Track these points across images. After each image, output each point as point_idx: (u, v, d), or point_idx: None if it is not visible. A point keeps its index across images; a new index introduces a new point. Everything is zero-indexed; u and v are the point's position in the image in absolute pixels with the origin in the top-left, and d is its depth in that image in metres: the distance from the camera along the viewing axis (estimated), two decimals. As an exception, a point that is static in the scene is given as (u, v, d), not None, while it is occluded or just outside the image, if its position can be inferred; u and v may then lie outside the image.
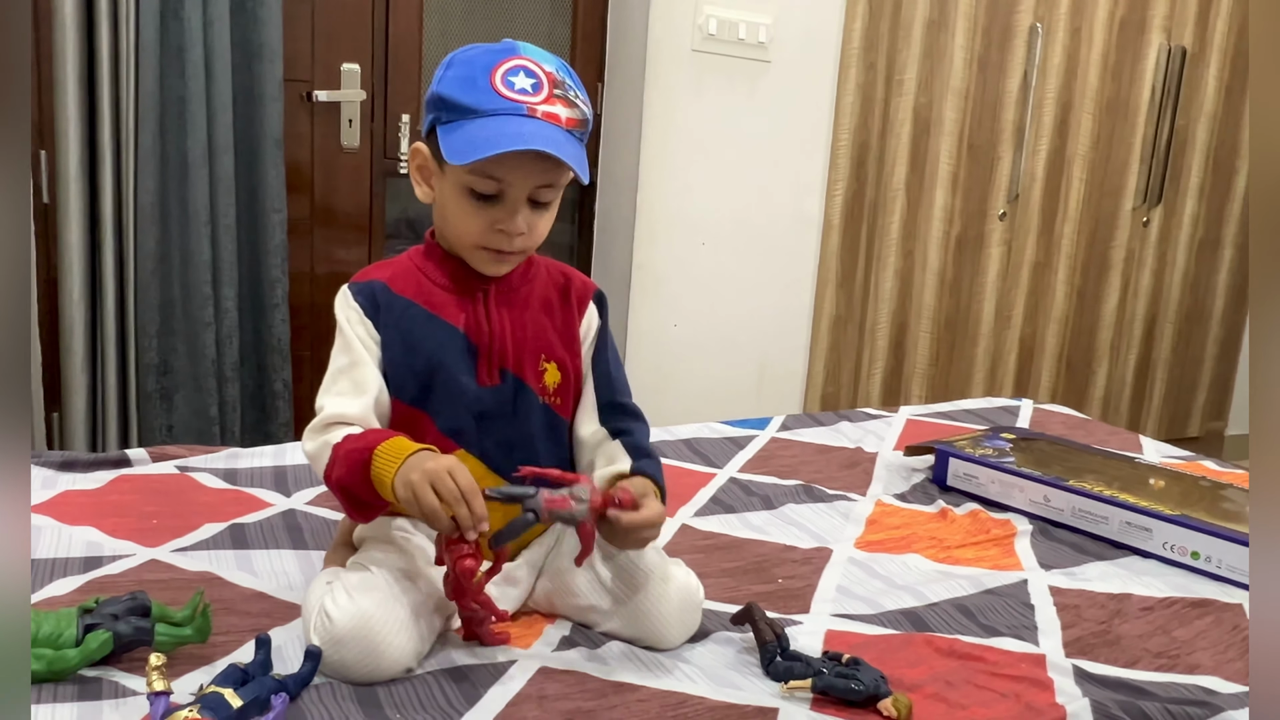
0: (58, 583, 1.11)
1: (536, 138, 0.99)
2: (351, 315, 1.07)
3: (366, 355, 1.06)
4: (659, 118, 2.58)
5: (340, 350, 1.08)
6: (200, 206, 2.09)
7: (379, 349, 1.07)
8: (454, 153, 1.00)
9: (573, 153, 1.02)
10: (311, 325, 2.44)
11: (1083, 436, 1.94)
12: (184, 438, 2.16)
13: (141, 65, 1.99)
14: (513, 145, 0.98)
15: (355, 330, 1.07)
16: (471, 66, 1.03)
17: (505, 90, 1.01)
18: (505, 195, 1.04)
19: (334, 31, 2.37)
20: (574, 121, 1.04)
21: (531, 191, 1.05)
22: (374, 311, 1.07)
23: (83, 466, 1.45)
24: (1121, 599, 1.24)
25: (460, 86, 1.02)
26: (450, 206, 1.07)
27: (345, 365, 1.07)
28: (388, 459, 0.97)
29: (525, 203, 1.05)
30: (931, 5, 2.82)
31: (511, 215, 1.04)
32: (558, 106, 1.02)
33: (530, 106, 1.01)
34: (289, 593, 1.14)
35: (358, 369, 1.06)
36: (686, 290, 2.71)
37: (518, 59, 1.03)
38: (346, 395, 1.05)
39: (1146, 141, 3.25)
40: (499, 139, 0.98)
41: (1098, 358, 3.38)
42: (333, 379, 1.07)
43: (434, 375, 1.07)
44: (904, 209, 2.93)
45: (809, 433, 1.89)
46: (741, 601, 1.18)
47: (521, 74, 1.02)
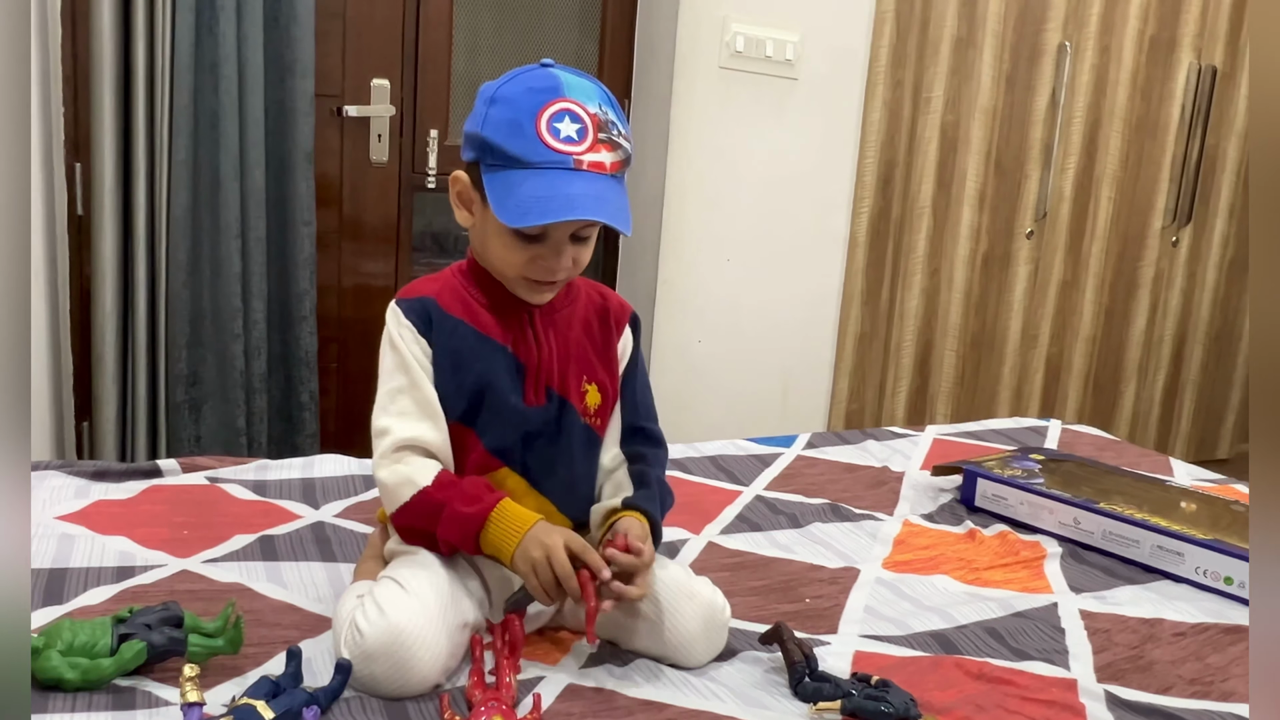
0: (91, 592, 1.12)
1: (585, 200, 1.00)
2: (405, 334, 1.07)
3: (424, 375, 1.06)
4: (686, 135, 2.59)
5: (396, 369, 1.07)
6: (231, 219, 2.11)
7: (431, 368, 1.07)
8: (505, 212, 1.01)
9: (617, 204, 1.03)
10: (338, 338, 2.46)
11: (1112, 458, 1.92)
12: (212, 448, 2.18)
13: (176, 80, 2.02)
14: (564, 215, 0.99)
15: (410, 349, 1.07)
16: (516, 109, 1.02)
17: (551, 140, 1.01)
18: (549, 236, 1.04)
19: (364, 47, 2.39)
20: (617, 165, 1.04)
21: (576, 230, 1.06)
22: (426, 329, 1.07)
23: (115, 476, 1.46)
24: (1153, 624, 1.23)
25: (506, 133, 1.02)
26: (493, 240, 1.07)
27: (405, 385, 1.06)
28: (507, 529, 1.01)
29: (569, 242, 1.06)
30: (959, 23, 2.82)
31: (556, 255, 1.05)
32: (602, 153, 1.02)
33: (576, 159, 1.01)
34: (318, 605, 1.14)
35: (419, 390, 1.06)
36: (711, 306, 2.71)
37: (562, 102, 1.02)
38: (412, 417, 1.05)
39: (1176, 160, 3.22)
40: (550, 205, 0.99)
41: (1125, 378, 3.35)
42: (390, 398, 1.07)
43: (483, 394, 1.07)
44: (930, 227, 2.92)
45: (835, 451, 1.88)
46: (769, 621, 1.17)
47: (566, 119, 1.01)
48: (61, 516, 1.31)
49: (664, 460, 1.18)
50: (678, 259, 2.65)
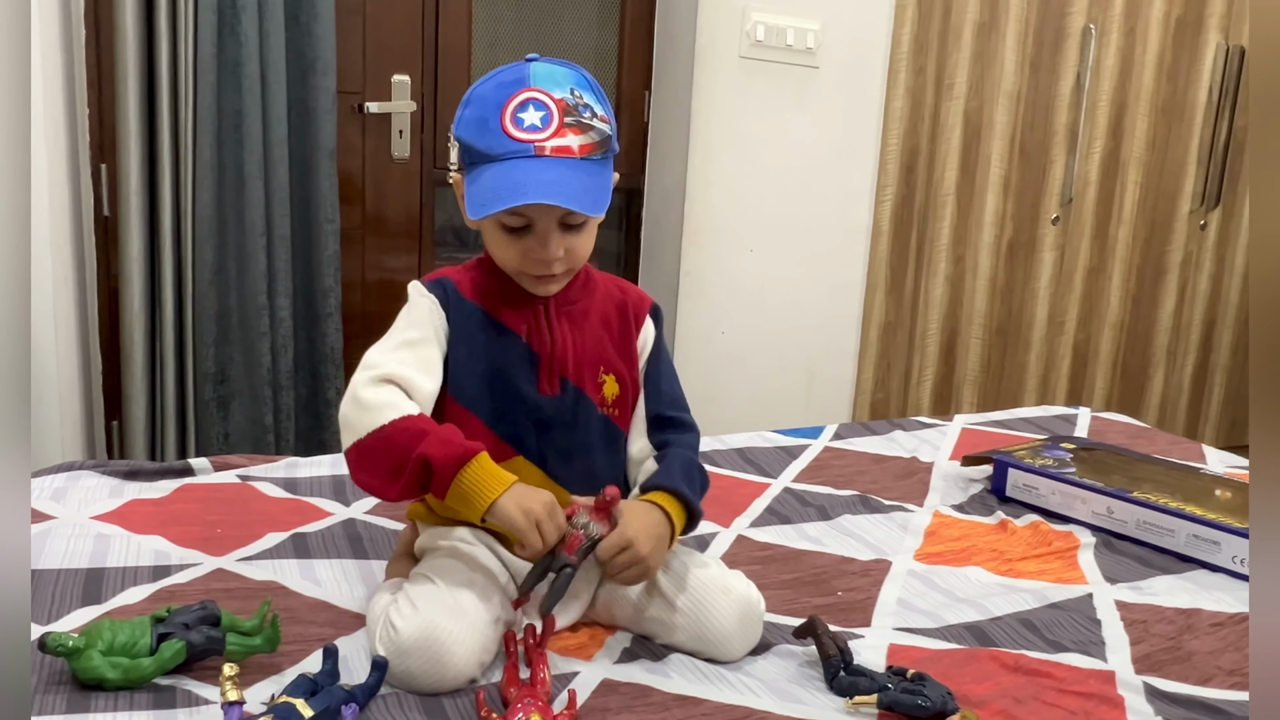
0: (129, 591, 1.13)
1: (535, 185, 1.00)
2: (424, 302, 1.09)
3: (434, 340, 1.07)
4: (707, 124, 2.58)
5: (409, 324, 1.08)
6: (256, 218, 2.12)
7: (446, 344, 1.08)
8: (470, 205, 1.03)
9: (581, 186, 1.02)
10: (363, 334, 2.45)
11: (1144, 446, 1.90)
12: (240, 445, 2.19)
13: (200, 80, 2.03)
14: (511, 201, 0.99)
15: (429, 316, 1.08)
16: (484, 105, 1.04)
17: (514, 130, 1.02)
18: (534, 226, 1.05)
19: (384, 44, 2.39)
20: (588, 147, 1.03)
21: (560, 218, 1.05)
22: (446, 306, 1.08)
23: (147, 475, 1.47)
24: (1191, 614, 1.22)
25: (475, 130, 1.04)
26: (488, 237, 1.09)
27: (412, 340, 1.06)
28: (489, 477, 0.98)
29: (556, 230, 1.05)
30: (982, 8, 2.79)
31: (543, 245, 1.05)
32: (569, 137, 1.02)
33: (538, 145, 1.01)
34: (352, 602, 1.15)
35: (425, 347, 1.06)
36: (734, 297, 2.70)
37: (527, 91, 1.03)
38: (410, 366, 1.04)
39: (1204, 143, 3.18)
40: (501, 191, 1.00)
41: (1154, 364, 3.31)
42: (394, 345, 1.06)
43: (494, 380, 1.08)
44: (954, 214, 2.90)
45: (862, 442, 1.87)
46: (801, 614, 1.17)
47: (530, 108, 1.02)
48: (97, 516, 1.32)
49: (693, 443, 1.17)
50: (700, 250, 2.64)
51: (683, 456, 1.14)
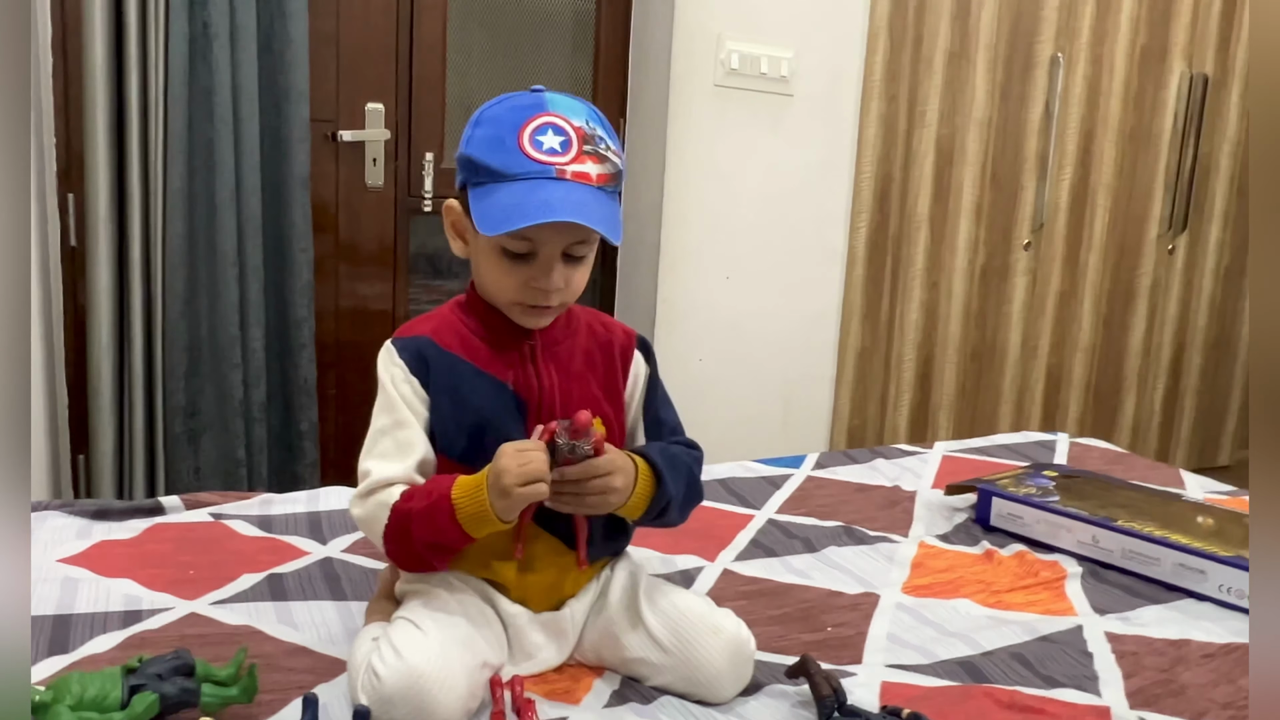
0: (98, 639, 1.09)
1: (564, 205, 0.97)
2: (396, 373, 1.05)
3: (410, 416, 1.04)
4: (682, 153, 2.58)
5: (382, 409, 1.05)
6: (228, 248, 2.09)
7: (425, 409, 1.04)
8: (484, 223, 0.99)
9: (603, 213, 1.00)
10: (336, 364, 2.43)
11: (1122, 472, 1.90)
12: (211, 480, 2.15)
13: (170, 108, 2.00)
14: (539, 218, 0.96)
15: (399, 389, 1.04)
16: (499, 126, 1.01)
17: (533, 151, 0.99)
18: (538, 254, 1.02)
19: (358, 72, 2.38)
20: (605, 177, 1.01)
21: (565, 248, 1.03)
22: (422, 368, 1.05)
23: (117, 515, 1.43)
24: (1181, 645, 1.21)
25: (488, 148, 1.00)
26: (485, 264, 1.05)
27: (388, 425, 1.04)
28: (470, 496, 0.97)
29: (559, 259, 1.03)
30: (952, 37, 2.82)
31: (546, 273, 1.03)
32: (588, 164, 1.00)
33: (559, 168, 0.99)
34: (331, 646, 1.11)
35: (402, 430, 1.04)
36: (711, 324, 2.70)
37: (545, 116, 1.01)
38: (390, 458, 1.03)
39: (1170, 169, 3.23)
40: (526, 209, 0.97)
41: (1126, 387, 3.34)
42: (374, 440, 1.05)
43: (484, 432, 1.04)
44: (928, 240, 2.92)
45: (844, 471, 1.86)
46: (791, 651, 1.15)
47: (550, 132, 1.00)
48: (64, 559, 1.28)
49: (696, 455, 1.13)
50: (677, 277, 2.64)
51: (676, 450, 1.11)
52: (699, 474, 1.13)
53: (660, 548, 1.44)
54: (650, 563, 1.38)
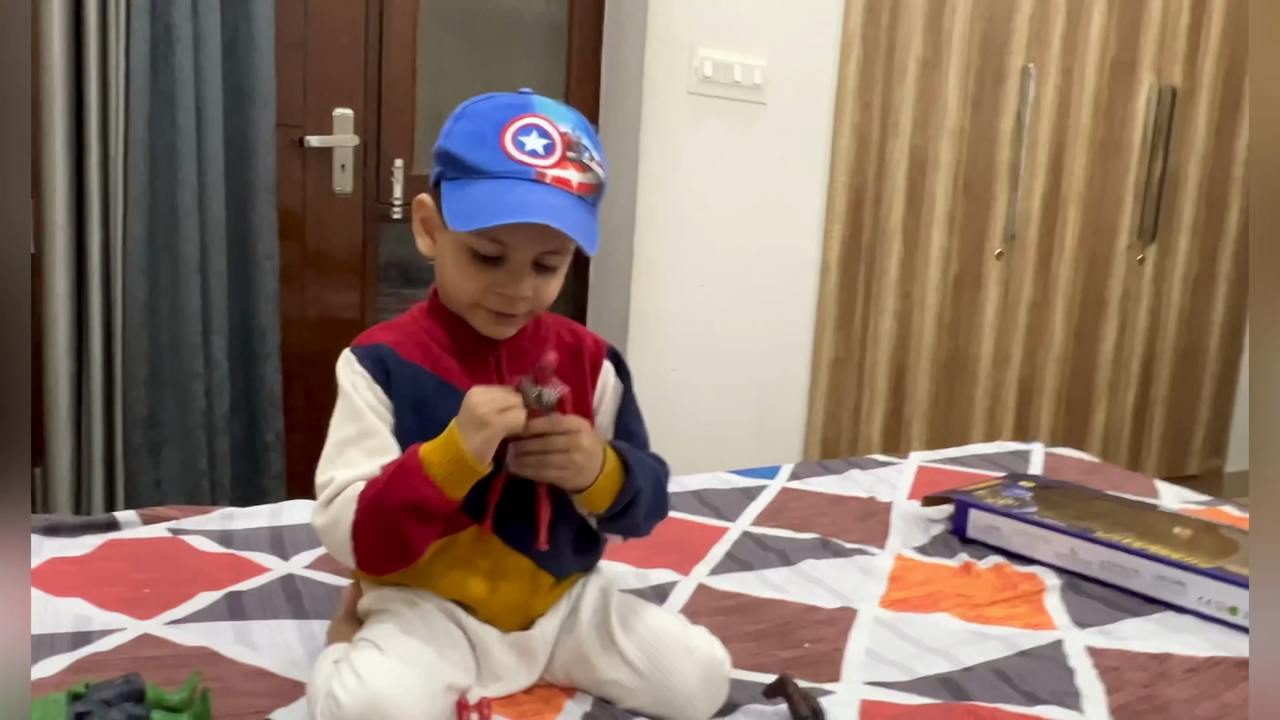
0: (45, 663, 1.04)
1: (541, 208, 0.93)
2: (358, 381, 1.00)
3: (379, 422, 0.99)
4: (655, 160, 2.56)
5: (346, 418, 1.00)
6: (191, 255, 2.04)
7: (391, 417, 0.99)
8: (455, 217, 0.95)
9: (580, 221, 0.96)
10: (303, 373, 2.38)
11: (1097, 482, 1.90)
12: (172, 492, 2.09)
13: (131, 112, 1.95)
14: (514, 217, 0.92)
15: (364, 397, 0.99)
16: (482, 121, 0.98)
17: (514, 151, 0.95)
18: (508, 259, 0.98)
19: (326, 76, 2.33)
20: (586, 186, 0.98)
21: (537, 256, 0.99)
22: (384, 377, 1.00)
23: (69, 531, 1.38)
24: (1163, 659, 1.20)
25: (468, 143, 0.97)
26: (450, 264, 1.01)
27: (353, 435, 0.99)
28: (439, 448, 0.93)
29: (530, 267, 0.99)
30: (925, 46, 2.82)
31: (515, 280, 0.99)
32: (570, 170, 0.96)
33: (539, 170, 0.95)
34: (291, 668, 1.07)
35: (370, 439, 0.98)
36: (684, 334, 2.67)
37: (531, 117, 0.97)
38: (359, 467, 0.97)
39: (1140, 180, 3.25)
40: (501, 207, 0.93)
41: (1097, 397, 3.35)
42: (338, 450, 0.99)
43: None
44: (901, 249, 2.91)
45: (819, 482, 1.84)
46: (768, 668, 1.13)
47: (534, 134, 0.96)
48: (12, 577, 1.23)
49: (662, 466, 1.10)
50: (650, 286, 2.61)
51: (644, 455, 1.07)
52: (666, 487, 1.10)
53: (633, 561, 1.40)
54: (623, 577, 1.35)
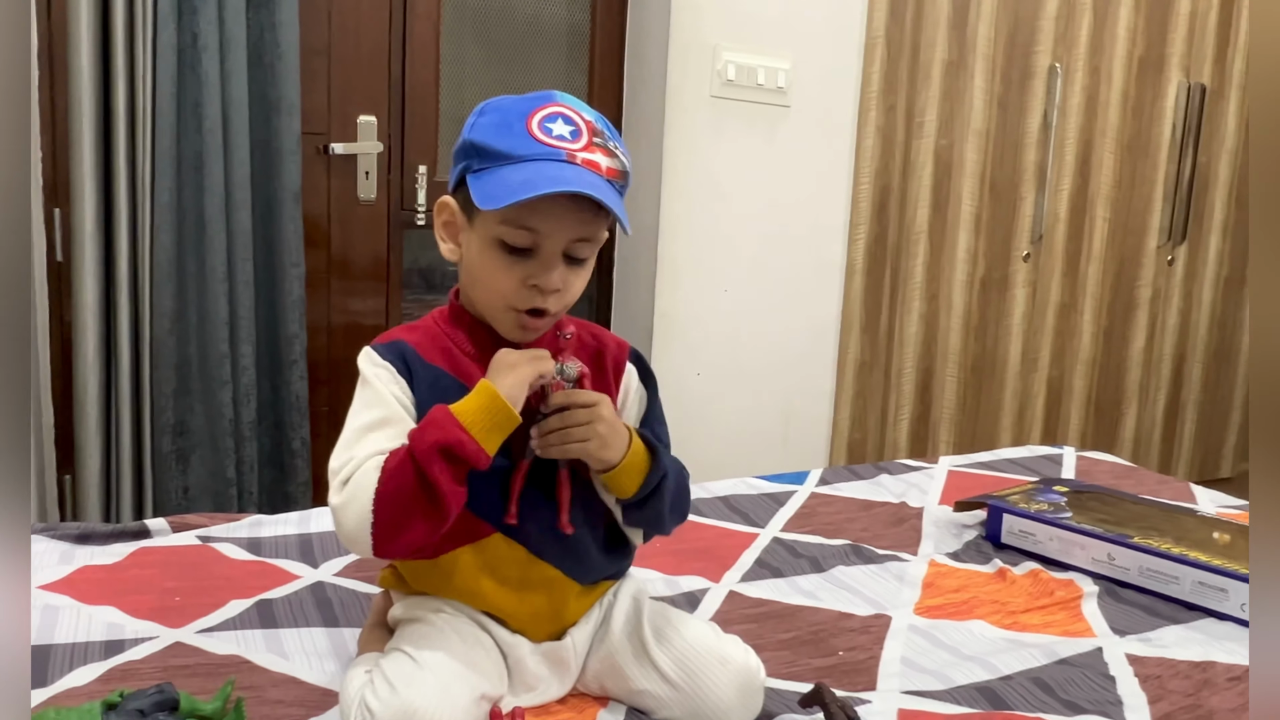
0: (78, 671, 1.04)
1: (578, 181, 0.93)
2: (382, 373, 0.98)
3: (402, 412, 0.97)
4: (679, 164, 2.55)
5: (368, 404, 0.97)
6: (217, 263, 2.05)
7: (415, 410, 0.97)
8: (486, 197, 0.93)
9: (614, 201, 0.96)
10: (329, 380, 2.39)
11: (1132, 486, 1.87)
12: (200, 499, 2.10)
13: (158, 121, 1.96)
14: (552, 187, 0.91)
15: (389, 388, 0.98)
16: (506, 113, 0.97)
17: (542, 135, 0.95)
18: (540, 248, 0.97)
19: (350, 84, 2.34)
20: (614, 172, 0.97)
21: (567, 245, 0.98)
22: (407, 373, 0.99)
23: (100, 539, 1.38)
24: (1205, 667, 1.17)
25: (494, 132, 0.96)
26: (479, 262, 0.99)
27: (374, 421, 0.96)
28: (471, 402, 0.93)
29: (561, 257, 0.98)
30: (950, 47, 2.80)
31: (547, 270, 0.97)
32: (598, 155, 0.96)
33: (569, 152, 0.95)
34: (323, 676, 1.07)
35: (393, 425, 0.96)
36: (709, 338, 2.66)
37: (555, 105, 0.98)
38: (381, 445, 0.94)
39: (1169, 179, 3.21)
40: (537, 181, 0.92)
41: (1127, 399, 3.31)
42: (357, 435, 0.96)
43: None
44: (927, 252, 2.89)
45: (848, 487, 1.82)
46: (802, 677, 1.11)
47: (560, 120, 0.96)
48: (45, 585, 1.23)
49: (684, 475, 1.08)
50: (674, 291, 2.60)
51: (670, 458, 1.05)
52: (688, 485, 1.08)
53: (663, 569, 1.39)
54: (653, 584, 1.34)
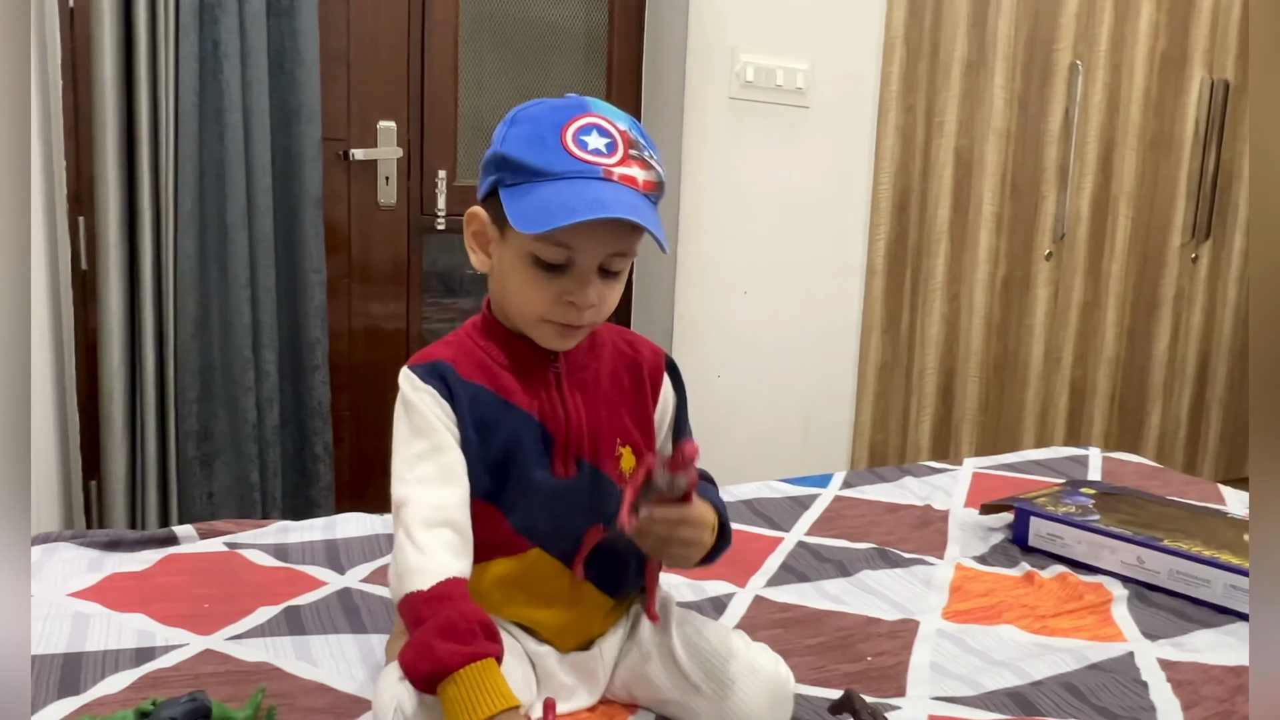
0: (110, 679, 1.04)
1: (617, 204, 0.90)
2: (425, 397, 0.96)
3: (449, 438, 0.95)
4: (698, 166, 2.54)
5: (416, 433, 0.95)
6: (240, 269, 2.06)
7: (458, 430, 0.96)
8: (524, 220, 0.90)
9: (652, 219, 0.94)
10: (351, 385, 2.40)
11: (1159, 487, 1.85)
12: (225, 505, 2.11)
13: (181, 129, 1.97)
14: (593, 213, 0.89)
15: (433, 411, 0.96)
16: (539, 124, 0.94)
17: (578, 150, 0.92)
18: (575, 264, 0.95)
19: (370, 90, 2.35)
20: (650, 185, 0.95)
21: (603, 260, 0.96)
22: (448, 393, 0.97)
23: (129, 546, 1.39)
24: (1239, 673, 1.16)
25: (527, 146, 0.93)
26: (512, 277, 0.97)
27: (426, 450, 0.95)
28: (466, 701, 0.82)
29: (596, 272, 0.96)
30: (969, 46, 2.78)
31: (582, 286, 0.95)
32: (634, 168, 0.93)
33: (606, 169, 0.92)
34: (352, 683, 1.07)
35: (443, 454, 0.94)
36: (729, 341, 2.65)
37: (589, 116, 0.94)
38: (434, 484, 0.93)
39: (1192, 176, 3.18)
40: (576, 205, 0.89)
41: (1151, 399, 3.28)
42: (409, 465, 0.95)
43: (508, 467, 0.97)
44: (948, 252, 2.87)
45: (873, 490, 1.81)
46: (831, 683, 1.10)
47: (595, 133, 0.93)
48: (75, 593, 1.24)
49: (716, 493, 1.07)
50: (694, 293, 2.60)
51: (711, 485, 1.06)
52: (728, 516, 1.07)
53: (689, 574, 1.39)
54: (679, 589, 1.34)
